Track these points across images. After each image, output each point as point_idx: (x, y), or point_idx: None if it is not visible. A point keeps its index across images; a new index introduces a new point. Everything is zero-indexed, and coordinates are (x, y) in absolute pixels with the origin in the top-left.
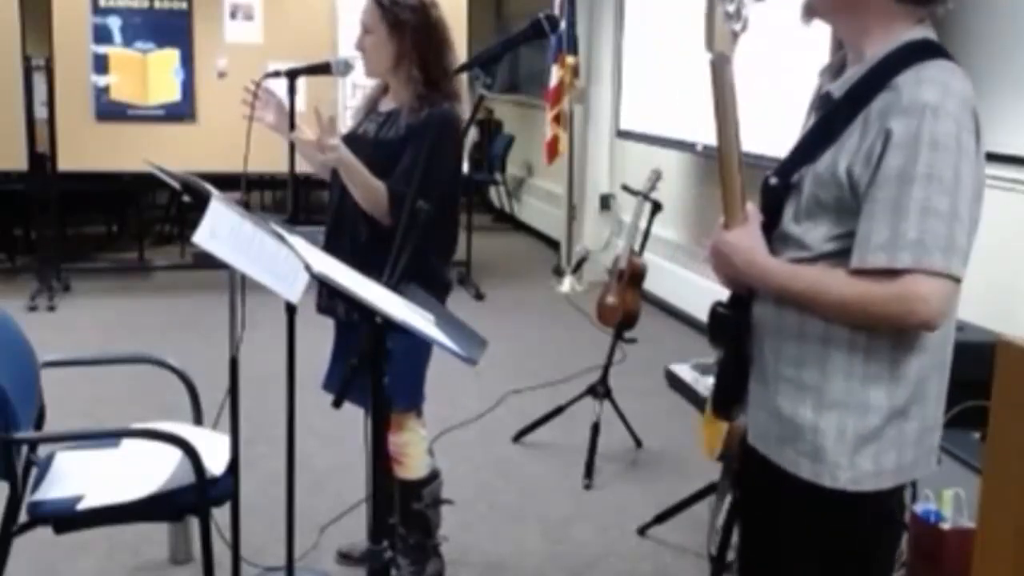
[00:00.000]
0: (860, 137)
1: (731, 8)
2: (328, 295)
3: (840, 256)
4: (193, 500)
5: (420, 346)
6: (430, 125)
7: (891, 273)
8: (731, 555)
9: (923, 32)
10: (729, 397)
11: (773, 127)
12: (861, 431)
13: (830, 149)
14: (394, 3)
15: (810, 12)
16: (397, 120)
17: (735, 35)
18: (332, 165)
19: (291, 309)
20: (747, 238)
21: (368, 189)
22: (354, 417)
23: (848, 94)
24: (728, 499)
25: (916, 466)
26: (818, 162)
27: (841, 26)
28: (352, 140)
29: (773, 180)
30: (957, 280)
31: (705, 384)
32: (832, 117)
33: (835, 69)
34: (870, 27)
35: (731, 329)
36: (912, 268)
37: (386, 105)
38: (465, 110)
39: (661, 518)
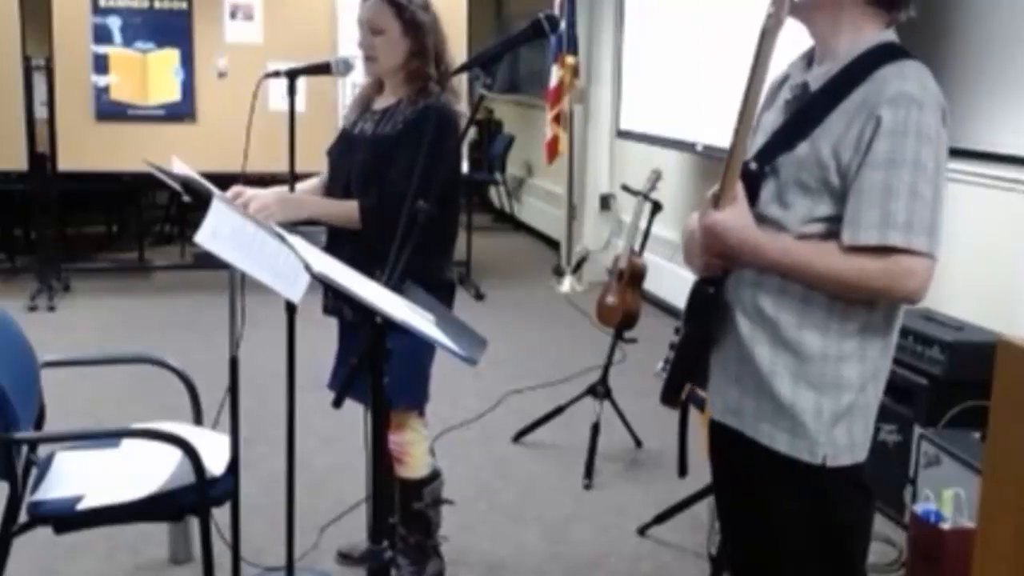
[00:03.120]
0: (846, 124)
1: None
2: (335, 296)
3: (819, 237)
4: (193, 500)
5: (424, 345)
6: (428, 120)
7: (881, 250)
8: None
9: (891, 36)
10: (686, 379)
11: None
12: (836, 409)
13: (808, 138)
14: (409, 2)
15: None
16: (394, 115)
17: (793, 2)
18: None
19: (291, 309)
20: (740, 216)
21: (340, 217)
22: (354, 417)
23: (825, 87)
24: None
25: (870, 435)
26: (796, 149)
27: (816, 25)
28: (348, 140)
29: (753, 165)
30: (935, 259)
31: (670, 353)
32: (809, 107)
33: (806, 61)
34: (842, 26)
35: (713, 308)
36: (903, 247)
37: (380, 103)
38: (464, 109)
39: (661, 518)
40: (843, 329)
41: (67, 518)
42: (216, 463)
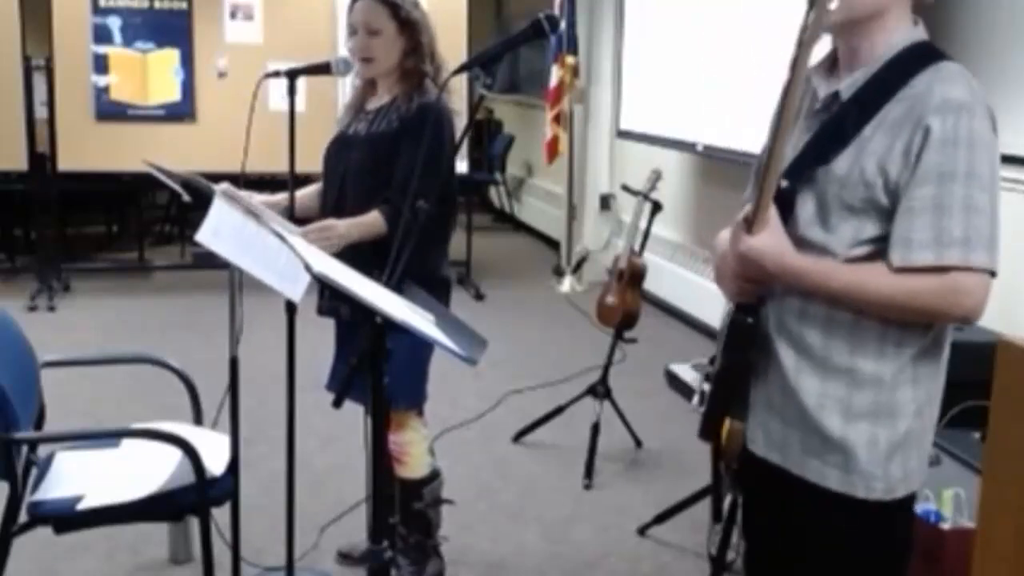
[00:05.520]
0: (891, 137)
1: None
2: (330, 297)
3: (865, 259)
4: (193, 500)
5: (422, 344)
6: (426, 121)
7: (935, 269)
8: (731, 555)
9: (920, 34)
10: (725, 412)
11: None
12: (893, 438)
13: (847, 150)
14: (403, 0)
15: (837, 28)
16: (388, 114)
17: (828, 14)
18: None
19: (291, 309)
20: (776, 242)
21: (372, 231)
22: (354, 417)
23: (858, 95)
24: (728, 499)
25: (926, 465)
26: (834, 164)
27: (856, 37)
28: (343, 142)
29: (784, 183)
30: (995, 275)
31: (705, 385)
32: (842, 118)
33: (828, 66)
34: (886, 28)
35: (751, 338)
36: (960, 265)
37: (374, 103)
38: (459, 107)
39: (661, 518)
40: (900, 353)
41: (67, 518)
42: (216, 463)
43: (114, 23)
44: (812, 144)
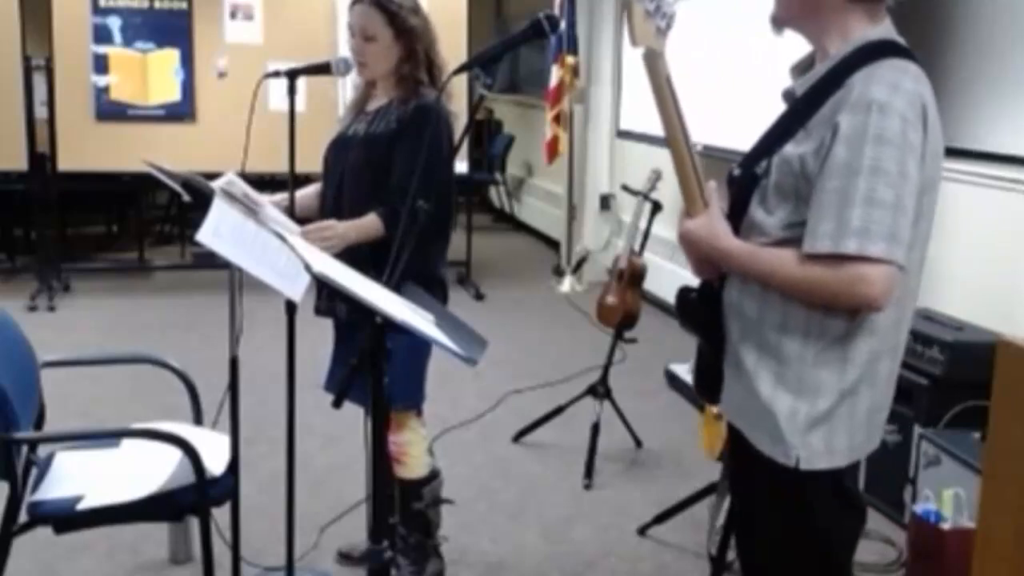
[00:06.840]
0: (817, 132)
1: (650, 6)
2: (328, 297)
3: (795, 243)
4: (193, 500)
5: (421, 345)
6: (422, 122)
7: (838, 258)
8: (731, 555)
9: (882, 32)
10: (708, 378)
11: (752, 121)
12: (812, 414)
13: (789, 143)
14: (400, 8)
15: (777, 22)
16: (387, 115)
17: (660, 31)
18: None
19: (291, 309)
20: (708, 224)
21: (370, 233)
22: (354, 417)
23: (808, 92)
24: (728, 499)
25: (866, 444)
26: (778, 154)
27: (804, 30)
28: (343, 142)
29: (736, 171)
30: (900, 267)
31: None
32: (792, 113)
33: (803, 67)
34: (828, 28)
35: (697, 312)
36: (857, 254)
37: (373, 104)
38: (456, 110)
39: (661, 518)
40: (824, 332)
41: (67, 518)
42: (216, 463)
43: (114, 23)
44: (766, 136)
